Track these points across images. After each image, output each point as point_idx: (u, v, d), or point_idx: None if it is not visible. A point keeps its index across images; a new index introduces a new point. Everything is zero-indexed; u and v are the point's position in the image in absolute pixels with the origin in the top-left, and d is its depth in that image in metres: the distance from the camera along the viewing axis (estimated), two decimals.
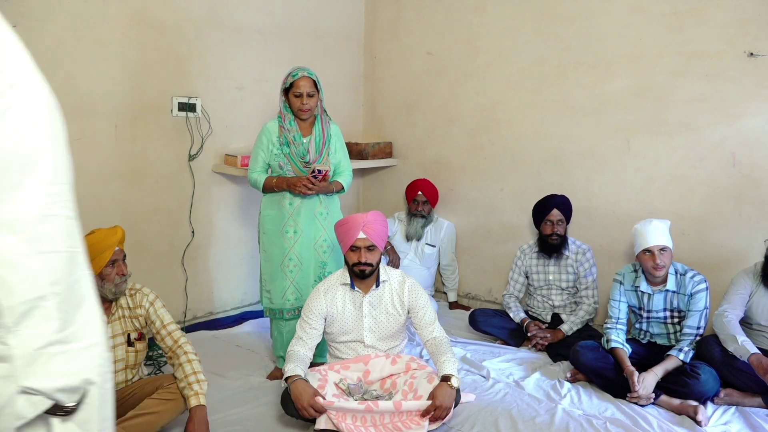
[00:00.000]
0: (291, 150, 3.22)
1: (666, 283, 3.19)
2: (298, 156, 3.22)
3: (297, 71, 3.17)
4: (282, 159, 3.23)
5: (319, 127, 3.28)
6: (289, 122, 3.24)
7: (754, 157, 3.44)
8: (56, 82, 3.26)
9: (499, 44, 4.29)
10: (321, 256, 3.31)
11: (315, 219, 3.28)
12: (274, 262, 3.28)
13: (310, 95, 3.16)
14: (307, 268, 3.28)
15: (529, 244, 3.97)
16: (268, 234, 3.30)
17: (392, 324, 2.97)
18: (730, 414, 2.93)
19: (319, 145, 3.27)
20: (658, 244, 3.11)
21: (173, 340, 2.67)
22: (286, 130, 3.22)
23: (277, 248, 3.26)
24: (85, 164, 3.44)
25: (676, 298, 3.20)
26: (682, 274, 3.19)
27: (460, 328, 4.05)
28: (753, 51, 3.37)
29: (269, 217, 3.29)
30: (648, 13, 3.67)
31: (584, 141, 3.99)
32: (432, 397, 2.61)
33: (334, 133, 3.34)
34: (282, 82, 3.21)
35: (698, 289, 3.14)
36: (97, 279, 2.52)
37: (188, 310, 4.02)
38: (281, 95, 3.24)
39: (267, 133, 3.26)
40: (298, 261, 3.26)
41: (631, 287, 3.29)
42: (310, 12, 4.48)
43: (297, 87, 3.15)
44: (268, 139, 3.25)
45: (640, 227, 3.19)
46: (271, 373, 3.34)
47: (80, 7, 3.32)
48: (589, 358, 3.21)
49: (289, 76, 3.18)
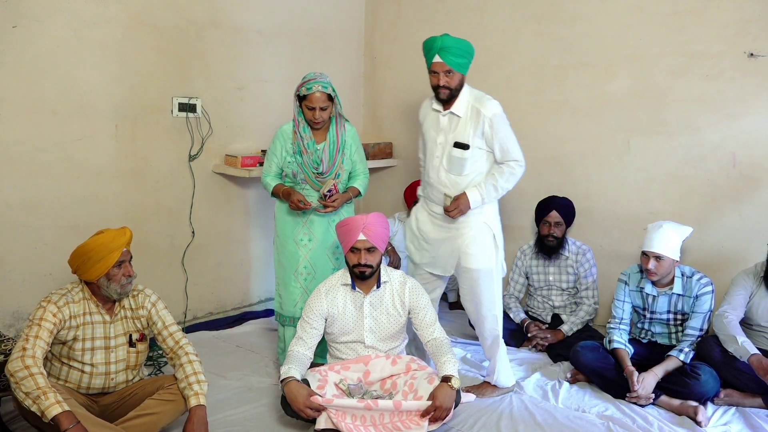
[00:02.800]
0: (304, 159, 3.16)
1: (672, 285, 3.18)
2: (311, 165, 3.17)
3: (311, 84, 3.05)
4: (295, 167, 3.18)
5: (333, 132, 3.22)
6: (302, 129, 3.17)
7: (754, 158, 3.44)
8: (56, 83, 3.28)
9: (500, 44, 4.28)
10: (334, 263, 3.29)
11: (329, 226, 3.25)
12: (287, 268, 3.25)
13: (323, 108, 3.09)
14: (320, 276, 3.21)
15: (529, 245, 3.97)
16: (281, 238, 3.28)
17: (393, 325, 2.97)
18: (730, 414, 2.93)
19: (332, 152, 3.20)
20: (655, 251, 3.07)
21: (174, 341, 2.68)
22: (299, 137, 3.16)
23: (290, 254, 3.24)
24: (86, 164, 3.45)
25: (681, 301, 3.19)
26: (689, 277, 3.18)
27: (460, 328, 4.06)
28: (753, 51, 3.37)
29: (284, 221, 3.26)
30: (648, 13, 3.67)
31: (584, 141, 3.99)
32: (432, 398, 2.60)
33: (350, 137, 3.27)
34: (296, 88, 3.13)
35: (704, 291, 3.14)
36: (104, 279, 2.53)
37: (188, 311, 4.02)
38: (295, 100, 3.17)
39: (281, 137, 3.21)
40: (311, 269, 3.24)
41: (636, 288, 3.28)
42: (310, 12, 4.48)
43: (311, 101, 3.07)
44: (282, 145, 3.20)
45: (650, 227, 3.16)
46: None
47: (80, 7, 3.32)
48: (589, 358, 3.21)
49: (303, 87, 3.08)
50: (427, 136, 3.15)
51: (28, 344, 2.36)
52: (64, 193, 3.38)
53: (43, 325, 2.42)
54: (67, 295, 2.54)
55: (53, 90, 3.28)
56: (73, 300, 2.54)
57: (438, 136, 3.08)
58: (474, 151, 3.00)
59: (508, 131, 3.04)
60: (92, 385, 2.59)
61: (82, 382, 2.57)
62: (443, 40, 2.95)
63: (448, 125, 3.06)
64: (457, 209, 2.98)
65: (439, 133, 3.08)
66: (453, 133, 3.03)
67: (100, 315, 2.59)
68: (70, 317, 2.51)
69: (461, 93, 3.02)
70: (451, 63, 2.93)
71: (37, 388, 2.24)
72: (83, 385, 2.58)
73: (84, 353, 2.55)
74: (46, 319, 2.43)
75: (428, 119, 3.16)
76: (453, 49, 2.94)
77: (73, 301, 2.54)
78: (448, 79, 2.96)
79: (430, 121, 3.14)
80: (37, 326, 2.41)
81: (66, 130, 3.35)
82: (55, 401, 2.23)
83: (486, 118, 2.98)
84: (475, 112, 3.00)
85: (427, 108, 3.20)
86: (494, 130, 2.99)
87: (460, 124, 3.02)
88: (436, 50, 2.95)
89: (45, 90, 3.25)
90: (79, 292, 2.58)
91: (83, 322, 2.55)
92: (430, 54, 2.99)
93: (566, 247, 3.81)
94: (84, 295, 2.58)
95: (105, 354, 2.59)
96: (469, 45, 3.00)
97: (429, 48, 3.00)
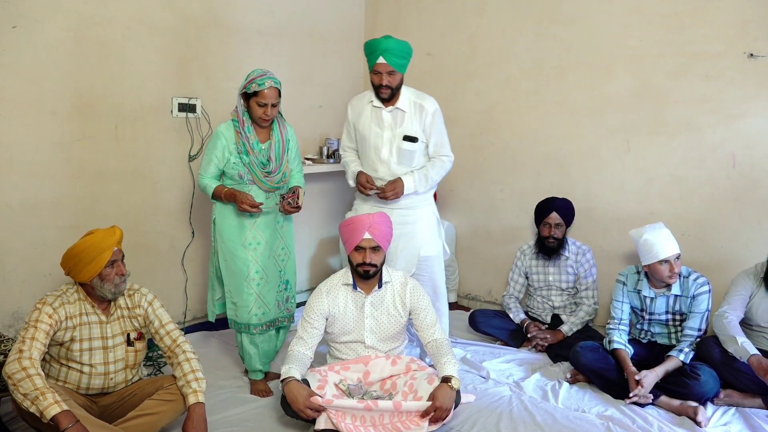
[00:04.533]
0: (251, 159, 3.05)
1: (670, 286, 3.19)
2: (258, 165, 3.06)
3: (263, 79, 2.97)
4: (242, 168, 3.05)
5: (277, 132, 3.14)
6: (247, 128, 3.05)
7: (754, 158, 3.44)
8: (56, 83, 3.27)
9: (499, 45, 4.29)
10: (279, 264, 3.23)
11: (275, 229, 3.19)
12: (238, 275, 3.10)
13: (274, 105, 3.01)
14: (272, 280, 3.17)
15: (529, 245, 3.97)
16: (227, 244, 3.12)
17: (393, 325, 2.97)
18: (730, 415, 2.93)
19: (279, 151, 3.13)
20: (675, 252, 3.09)
21: (172, 340, 2.68)
22: (244, 137, 3.04)
23: (240, 261, 3.10)
24: (86, 165, 3.44)
25: (679, 301, 3.19)
26: (686, 277, 3.19)
27: (460, 328, 4.06)
28: (753, 52, 3.38)
29: (228, 226, 3.12)
30: (648, 14, 3.67)
31: (584, 142, 3.99)
32: (432, 398, 2.61)
33: (291, 137, 3.22)
34: (243, 86, 3.03)
35: (701, 291, 3.14)
36: (97, 280, 2.53)
37: (188, 311, 4.02)
38: (240, 98, 3.06)
39: (222, 138, 3.06)
40: (263, 273, 3.14)
41: (634, 289, 3.29)
42: (310, 13, 4.48)
43: (263, 97, 2.97)
44: (223, 146, 3.05)
45: (649, 238, 3.10)
46: (254, 388, 3.18)
47: (80, 7, 3.32)
48: (589, 358, 3.21)
49: (253, 83, 2.98)
50: (366, 132, 3.27)
51: (25, 346, 2.36)
52: (64, 194, 3.38)
53: (39, 326, 2.42)
54: (62, 296, 2.54)
55: (53, 90, 3.28)
56: (68, 301, 2.54)
57: (384, 131, 3.23)
58: (421, 143, 3.23)
59: (443, 127, 3.30)
60: (91, 385, 2.58)
61: (81, 382, 2.57)
62: (387, 42, 3.09)
63: (393, 120, 3.22)
64: (393, 192, 3.17)
65: (385, 128, 3.23)
66: (401, 128, 3.21)
67: (96, 315, 2.59)
68: (66, 318, 2.51)
69: (401, 90, 3.21)
70: (393, 64, 3.09)
71: (35, 388, 2.24)
72: (82, 385, 2.57)
73: (82, 354, 2.55)
74: (41, 321, 2.43)
75: (365, 115, 3.28)
76: (395, 51, 3.09)
77: (68, 302, 2.54)
78: (390, 79, 3.12)
79: (368, 117, 3.27)
80: (33, 328, 2.41)
81: (66, 131, 3.35)
82: (53, 401, 2.22)
83: (428, 113, 3.21)
84: (418, 107, 3.21)
85: (360, 105, 3.34)
86: (434, 124, 3.23)
87: (406, 119, 3.21)
88: (380, 52, 3.08)
89: (45, 90, 3.25)
90: (74, 293, 2.57)
91: (80, 323, 2.55)
92: (374, 56, 3.12)
93: (566, 248, 3.81)
94: (79, 296, 2.58)
95: (103, 354, 2.59)
96: (409, 46, 3.16)
97: (372, 50, 3.13)
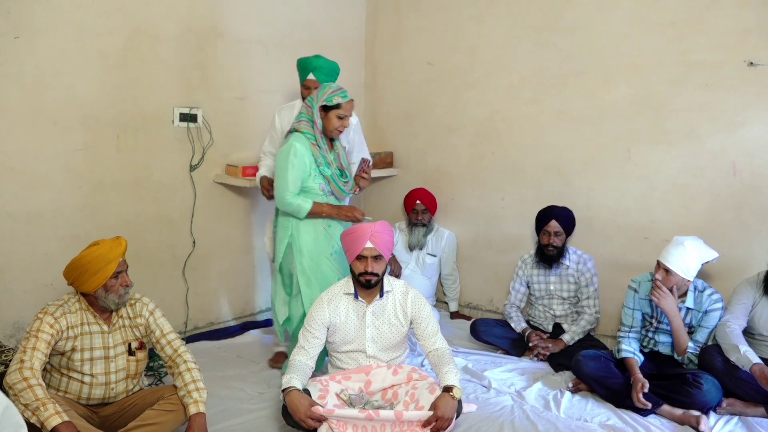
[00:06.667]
0: (332, 171, 3.18)
1: (685, 298, 3.16)
2: (338, 176, 3.21)
3: (344, 92, 3.10)
4: (323, 181, 3.16)
5: (337, 140, 3.28)
6: (322, 140, 3.16)
7: (754, 166, 3.44)
8: (58, 93, 3.29)
9: (500, 54, 4.30)
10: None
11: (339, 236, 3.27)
12: (324, 286, 3.12)
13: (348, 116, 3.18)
14: None
15: (530, 254, 3.97)
16: (313, 259, 3.18)
17: (395, 335, 2.96)
18: (732, 424, 2.92)
19: (345, 160, 3.29)
20: (666, 264, 3.07)
21: (173, 349, 2.67)
22: (323, 149, 3.15)
23: (324, 274, 3.20)
24: (87, 175, 3.45)
25: (691, 315, 3.18)
26: (701, 291, 3.17)
27: (461, 338, 4.05)
28: (753, 60, 3.38)
29: (314, 240, 3.19)
30: (647, 22, 3.68)
31: (585, 150, 3.99)
32: (434, 408, 2.60)
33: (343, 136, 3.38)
34: (321, 98, 3.10)
35: (714, 307, 3.12)
36: (101, 290, 2.53)
37: (189, 321, 4.01)
38: (319, 111, 3.12)
39: (301, 155, 3.08)
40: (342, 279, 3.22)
41: (646, 297, 3.26)
42: (311, 23, 4.50)
43: (345, 110, 3.10)
44: (302, 162, 3.08)
45: (675, 240, 3.12)
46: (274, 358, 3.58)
47: (82, 18, 3.34)
48: (591, 367, 3.20)
49: (335, 95, 3.08)
50: None
51: (26, 356, 2.36)
52: (66, 204, 3.39)
53: (41, 336, 2.42)
54: (63, 306, 2.54)
55: (55, 100, 3.29)
56: (69, 311, 2.54)
57: None
58: None
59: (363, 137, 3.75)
60: (92, 395, 2.58)
61: (82, 392, 2.56)
62: (317, 61, 3.46)
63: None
64: None
65: None
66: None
67: (98, 325, 2.59)
68: (67, 327, 2.51)
69: None
70: (322, 80, 3.40)
71: (36, 399, 2.24)
72: (83, 395, 2.57)
73: (83, 363, 2.55)
74: (43, 331, 2.43)
75: None
76: (325, 69, 3.45)
77: (69, 312, 2.54)
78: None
79: None
80: (35, 338, 2.41)
81: (67, 141, 3.36)
82: (54, 412, 2.22)
83: (352, 123, 3.53)
84: None
85: (288, 116, 3.56)
86: (357, 133, 3.67)
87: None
88: (310, 69, 3.44)
89: (46, 100, 3.26)
90: (75, 303, 2.57)
91: (81, 333, 2.55)
92: (305, 72, 3.47)
93: (567, 256, 3.80)
94: (81, 306, 2.58)
95: (105, 364, 2.59)
96: (337, 66, 3.53)
97: (304, 67, 3.48)
